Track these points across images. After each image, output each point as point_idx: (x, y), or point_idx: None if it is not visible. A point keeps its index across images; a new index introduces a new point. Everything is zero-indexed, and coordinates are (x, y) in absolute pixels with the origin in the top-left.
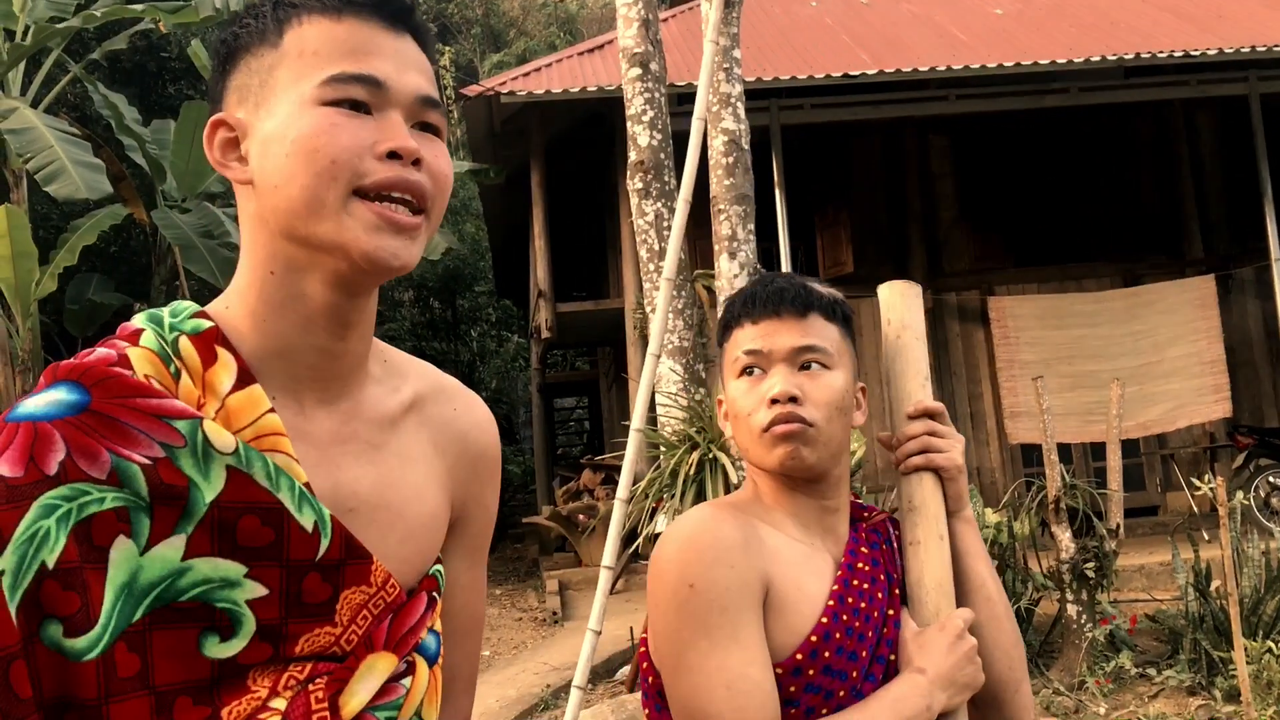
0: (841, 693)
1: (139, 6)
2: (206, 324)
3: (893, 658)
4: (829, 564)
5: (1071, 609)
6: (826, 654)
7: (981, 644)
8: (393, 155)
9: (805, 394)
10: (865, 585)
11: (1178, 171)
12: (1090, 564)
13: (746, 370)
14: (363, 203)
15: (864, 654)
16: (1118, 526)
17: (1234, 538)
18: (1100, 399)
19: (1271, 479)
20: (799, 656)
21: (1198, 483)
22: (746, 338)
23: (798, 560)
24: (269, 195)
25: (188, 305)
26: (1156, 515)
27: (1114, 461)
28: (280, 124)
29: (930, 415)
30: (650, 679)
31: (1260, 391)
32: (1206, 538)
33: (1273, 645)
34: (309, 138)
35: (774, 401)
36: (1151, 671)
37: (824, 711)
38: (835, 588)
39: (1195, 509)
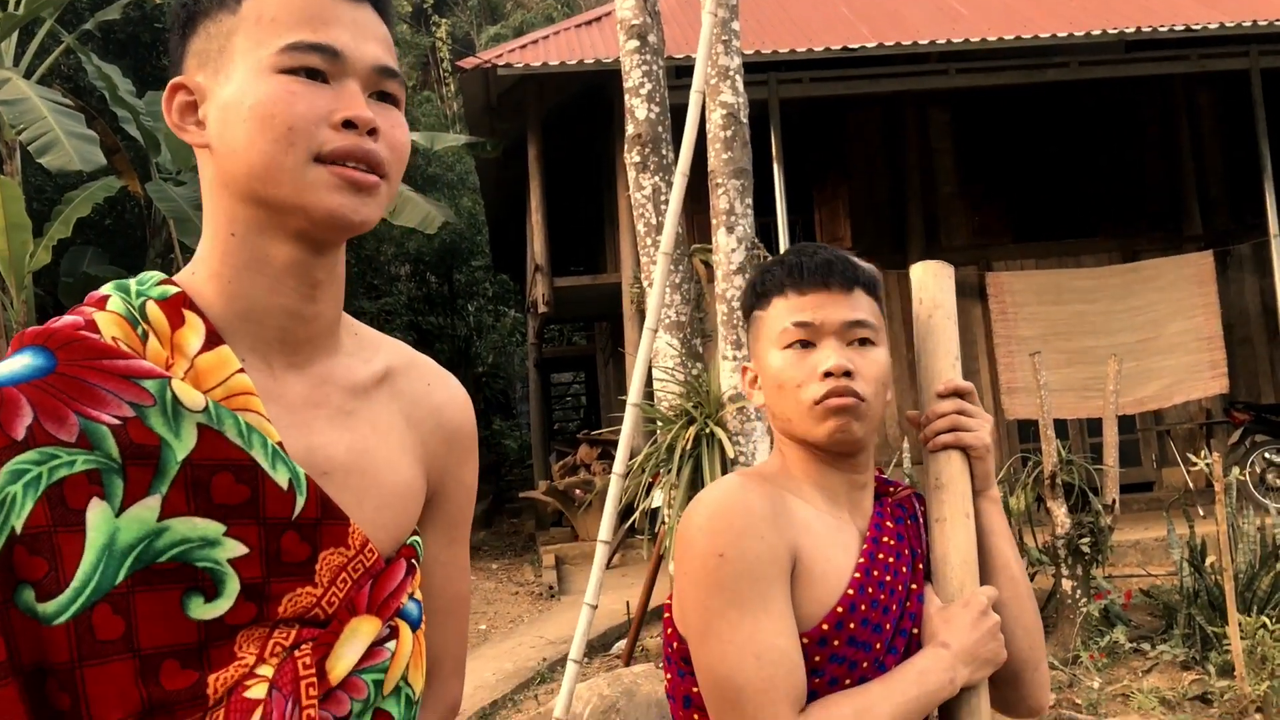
0: (865, 664)
1: None
2: (173, 289)
3: (915, 630)
4: (855, 537)
5: (1066, 584)
6: (852, 625)
7: (1004, 622)
8: (348, 124)
9: (857, 369)
10: (890, 559)
11: (1177, 147)
12: (1085, 539)
13: (796, 342)
14: (321, 166)
15: (888, 626)
16: (1113, 502)
17: (1229, 513)
18: (1097, 375)
19: (1267, 455)
20: (825, 627)
21: (1194, 458)
22: (794, 308)
23: (825, 533)
24: (228, 160)
25: (155, 274)
26: (1152, 491)
27: (1110, 437)
28: (238, 90)
29: (960, 394)
30: (675, 644)
31: (1257, 368)
32: (1202, 513)
33: (1267, 620)
34: (265, 105)
35: (827, 375)
36: (1146, 646)
37: (848, 682)
38: (861, 560)
39: (1191, 485)
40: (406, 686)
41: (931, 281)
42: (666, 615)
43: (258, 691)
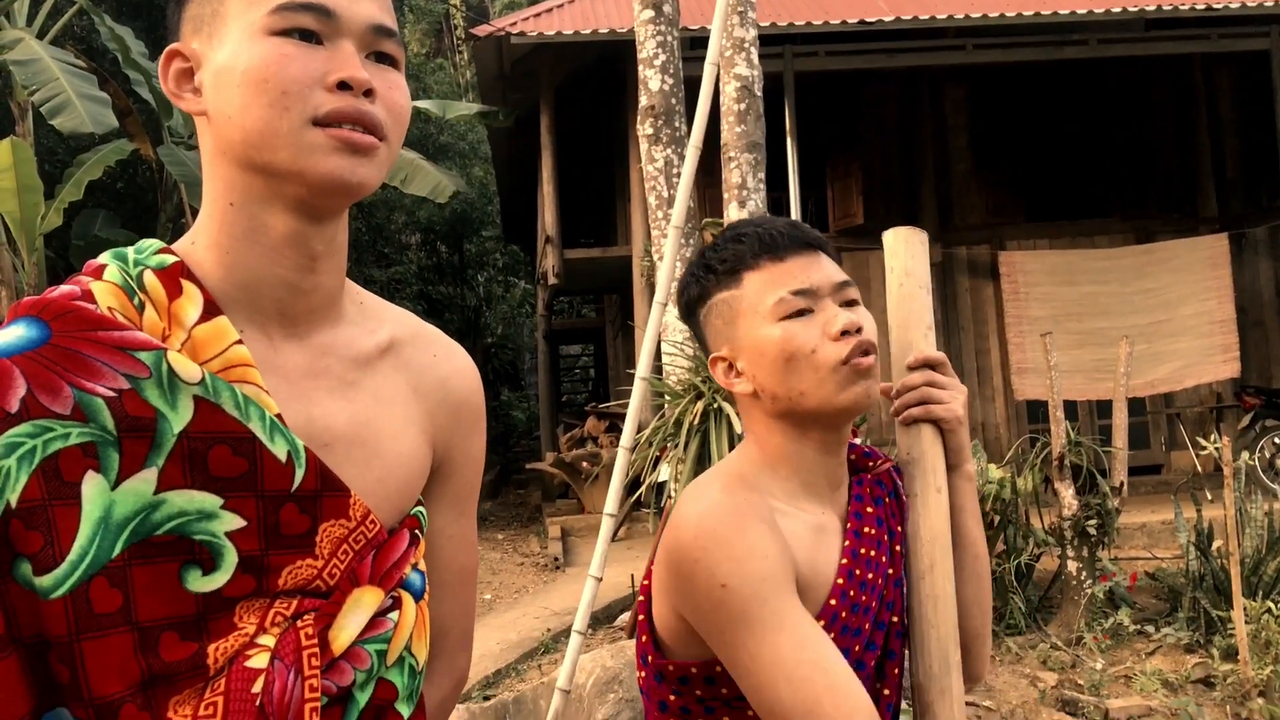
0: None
1: None
2: (171, 259)
3: (895, 619)
4: (836, 535)
5: (1072, 565)
6: (832, 635)
7: (964, 599)
8: (344, 86)
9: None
10: (872, 552)
11: (1194, 128)
12: (1092, 521)
13: (797, 312)
14: (318, 129)
15: (866, 626)
16: (1121, 484)
17: (1237, 498)
18: (1108, 356)
19: (1277, 440)
20: None
21: (1203, 442)
22: (780, 277)
23: (810, 540)
24: (224, 126)
25: (153, 242)
26: (1160, 474)
27: (1120, 419)
28: (231, 54)
29: (931, 365)
30: (650, 657)
31: (1269, 352)
32: (1210, 497)
33: (1272, 605)
34: (258, 69)
35: (844, 334)
36: (1150, 629)
37: None
38: (844, 562)
39: (1199, 468)
40: (410, 657)
41: (903, 248)
42: (640, 618)
43: (259, 661)
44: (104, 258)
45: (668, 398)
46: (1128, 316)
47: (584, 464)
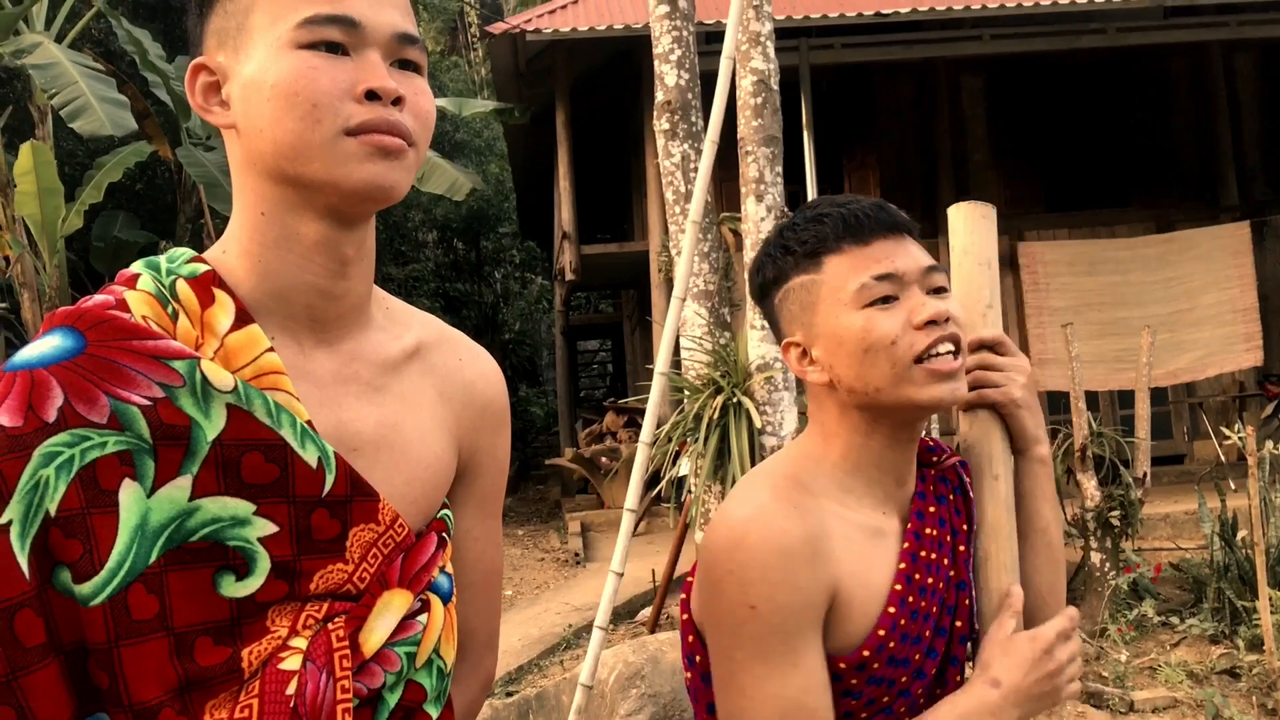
0: (904, 678)
1: None
2: (203, 268)
3: (958, 624)
4: (895, 537)
5: (1095, 556)
6: (892, 644)
7: (1037, 588)
8: (372, 96)
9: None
10: (932, 555)
11: (1214, 116)
12: (1115, 512)
13: (881, 299)
14: (350, 138)
15: (926, 633)
16: (1144, 475)
17: (1261, 487)
18: (1130, 346)
19: None
20: (865, 652)
21: (1226, 431)
22: (864, 262)
23: (862, 545)
24: (254, 139)
25: (185, 251)
26: (1183, 464)
27: (1142, 409)
28: (259, 68)
29: (989, 346)
30: (697, 657)
31: None
32: (1233, 487)
33: None
34: (288, 82)
35: (930, 324)
36: (1174, 620)
37: (885, 699)
38: (902, 566)
39: (1223, 458)
40: (438, 659)
41: (962, 225)
42: (684, 617)
43: (292, 663)
44: (137, 267)
45: (687, 393)
46: (1149, 306)
47: (603, 459)
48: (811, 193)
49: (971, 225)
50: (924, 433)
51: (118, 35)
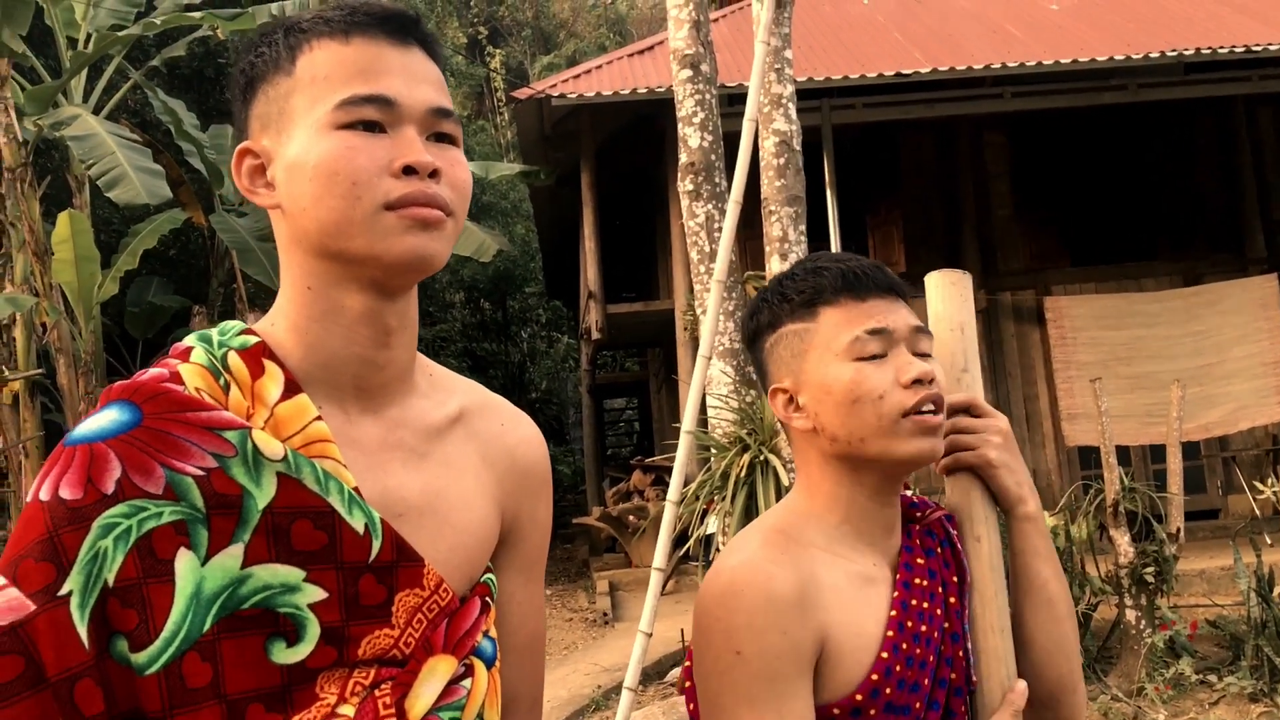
0: None
1: (197, 15)
2: (253, 340)
3: (954, 676)
4: (885, 586)
5: (1130, 614)
6: (888, 690)
7: (1041, 646)
8: (409, 170)
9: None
10: (924, 604)
11: (1239, 168)
12: (1149, 569)
13: (871, 355)
14: (390, 213)
15: (925, 682)
16: (1178, 530)
17: None
18: (1159, 400)
19: None
20: (859, 697)
21: (1260, 485)
22: (859, 316)
23: (855, 598)
24: (299, 218)
25: (235, 324)
26: (1218, 519)
27: (1174, 464)
28: (301, 150)
29: (963, 409)
30: (692, 706)
31: None
32: (1269, 541)
33: None
34: (328, 162)
35: (915, 383)
36: (1212, 678)
37: None
38: (894, 613)
39: (1258, 512)
40: None
41: (935, 292)
42: (688, 684)
43: None
44: (189, 340)
45: (713, 451)
46: (1178, 360)
47: (631, 518)
48: (835, 250)
49: (943, 293)
50: (911, 491)
51: (153, 105)
